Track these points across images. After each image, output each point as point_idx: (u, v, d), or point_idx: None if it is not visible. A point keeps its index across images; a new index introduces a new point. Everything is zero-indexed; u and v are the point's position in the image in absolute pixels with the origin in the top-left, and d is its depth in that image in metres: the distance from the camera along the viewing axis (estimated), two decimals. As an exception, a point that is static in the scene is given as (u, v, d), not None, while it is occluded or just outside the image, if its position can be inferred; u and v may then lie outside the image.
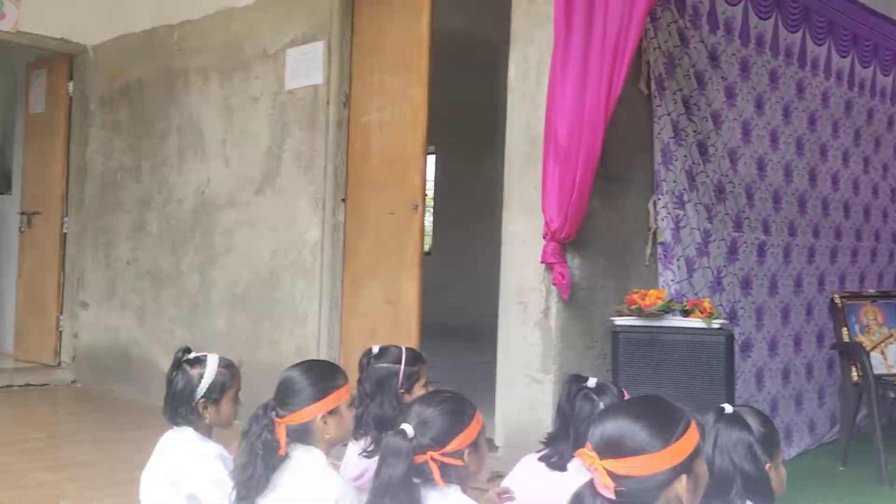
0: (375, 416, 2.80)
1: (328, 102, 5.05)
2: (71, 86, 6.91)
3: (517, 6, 4.11)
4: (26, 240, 7.27)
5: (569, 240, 3.78)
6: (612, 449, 1.54)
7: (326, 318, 5.01)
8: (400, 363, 2.92)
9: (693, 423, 1.61)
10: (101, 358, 6.61)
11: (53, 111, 7.02)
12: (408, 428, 1.96)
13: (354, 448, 2.81)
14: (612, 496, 1.52)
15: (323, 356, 4.95)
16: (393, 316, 4.75)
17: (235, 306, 5.52)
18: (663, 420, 1.58)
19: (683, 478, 1.55)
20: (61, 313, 6.90)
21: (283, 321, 5.23)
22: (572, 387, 2.41)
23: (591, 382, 2.40)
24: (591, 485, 1.56)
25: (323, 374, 2.34)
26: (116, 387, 6.35)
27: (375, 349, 2.97)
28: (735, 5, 4.61)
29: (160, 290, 6.11)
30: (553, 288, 3.82)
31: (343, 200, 5.05)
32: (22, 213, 7.27)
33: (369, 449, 2.76)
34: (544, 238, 3.78)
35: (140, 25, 6.38)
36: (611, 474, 1.52)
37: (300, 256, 5.16)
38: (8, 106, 8.12)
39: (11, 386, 6.44)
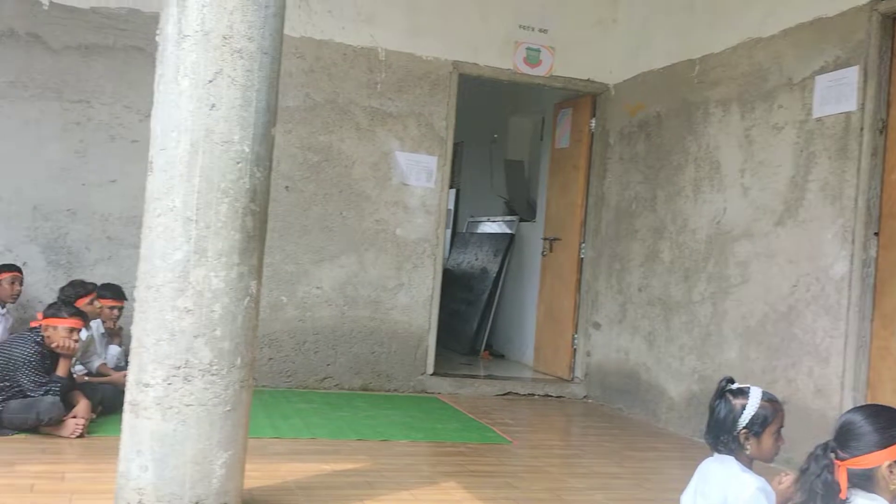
0: None
1: (862, 130, 4.75)
2: (593, 122, 7.49)
3: None
4: (547, 263, 8.04)
5: None
6: None
7: (852, 360, 4.70)
8: None
9: None
10: (610, 377, 7.02)
11: (576, 146, 7.68)
12: None
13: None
14: None
15: (846, 400, 4.66)
16: (935, 363, 4.28)
17: (749, 339, 5.45)
18: None
19: None
20: (576, 332, 7.48)
21: (802, 358, 5.02)
22: None
23: None
24: None
25: (890, 422, 2.20)
26: (625, 406, 6.70)
27: None
28: None
29: (670, 317, 6.28)
30: None
31: (875, 234, 4.69)
32: (545, 239, 8.07)
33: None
34: None
35: (660, 63, 6.67)
36: None
37: (823, 291, 4.91)
38: (534, 142, 9.11)
39: (533, 395, 7.17)
